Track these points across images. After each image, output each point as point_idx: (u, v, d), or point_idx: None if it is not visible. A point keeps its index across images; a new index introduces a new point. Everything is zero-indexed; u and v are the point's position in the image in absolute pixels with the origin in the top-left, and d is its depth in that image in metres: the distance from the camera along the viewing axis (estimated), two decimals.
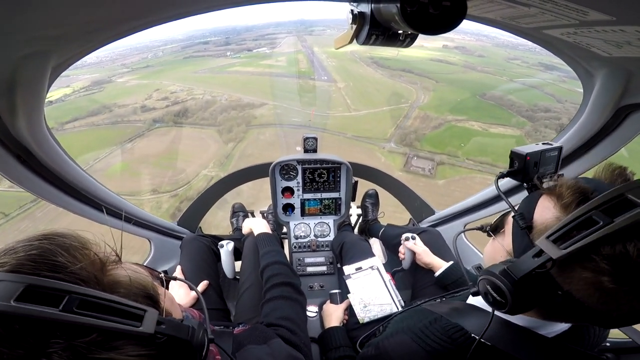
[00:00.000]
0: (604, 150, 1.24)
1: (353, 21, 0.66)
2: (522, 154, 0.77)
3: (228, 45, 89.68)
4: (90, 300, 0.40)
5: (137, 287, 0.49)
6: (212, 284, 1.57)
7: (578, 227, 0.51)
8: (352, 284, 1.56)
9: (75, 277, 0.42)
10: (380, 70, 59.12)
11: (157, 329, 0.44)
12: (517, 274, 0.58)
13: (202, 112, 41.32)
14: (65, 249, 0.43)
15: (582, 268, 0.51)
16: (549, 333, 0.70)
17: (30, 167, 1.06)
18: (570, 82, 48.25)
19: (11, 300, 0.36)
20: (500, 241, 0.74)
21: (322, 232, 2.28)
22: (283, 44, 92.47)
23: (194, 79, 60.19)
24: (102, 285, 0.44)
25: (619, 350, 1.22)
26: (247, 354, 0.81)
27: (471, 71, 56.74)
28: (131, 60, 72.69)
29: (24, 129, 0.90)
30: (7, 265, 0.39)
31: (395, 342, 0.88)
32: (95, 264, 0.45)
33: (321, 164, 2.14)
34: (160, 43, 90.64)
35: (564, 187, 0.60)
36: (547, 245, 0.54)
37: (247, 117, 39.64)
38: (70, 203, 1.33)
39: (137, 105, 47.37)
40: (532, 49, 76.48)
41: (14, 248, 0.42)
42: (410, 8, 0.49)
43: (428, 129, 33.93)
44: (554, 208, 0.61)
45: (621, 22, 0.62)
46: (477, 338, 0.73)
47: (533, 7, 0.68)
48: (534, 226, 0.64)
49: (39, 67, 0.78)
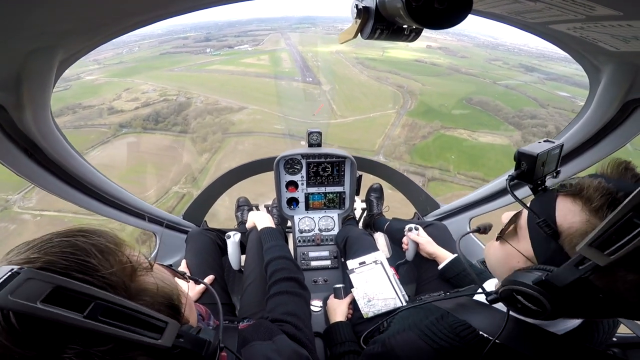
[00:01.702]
0: (610, 144, 1.23)
1: (358, 16, 0.64)
2: (531, 155, 0.72)
3: (208, 42, 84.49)
4: (115, 309, 0.39)
5: (162, 296, 0.48)
6: (217, 278, 1.54)
7: (618, 231, 0.49)
8: (356, 278, 1.54)
9: (105, 281, 0.41)
10: (366, 71, 56.67)
11: (176, 342, 0.44)
12: (560, 283, 0.56)
13: (174, 117, 37.23)
14: (100, 250, 0.43)
15: (626, 271, 0.51)
16: (559, 330, 0.70)
17: (37, 161, 1.06)
18: (548, 83, 47.90)
19: (38, 301, 0.35)
20: (516, 246, 0.69)
21: (327, 226, 2.24)
22: (266, 42, 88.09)
23: (168, 78, 55.44)
24: (129, 292, 0.44)
25: (625, 345, 1.19)
26: (253, 350, 0.79)
27: (456, 73, 55.37)
28: (104, 56, 66.40)
29: (31, 123, 0.90)
30: (39, 262, 0.39)
31: (402, 340, 0.87)
32: (126, 269, 0.45)
33: (325, 158, 2.11)
34: (137, 38, 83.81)
35: (590, 190, 0.57)
36: (592, 253, 0.51)
37: (224, 124, 36.01)
38: (76, 196, 1.32)
39: (103, 107, 42.80)
40: (511, 49, 77.22)
41: (50, 240, 0.42)
42: (415, 3, 0.48)
43: (417, 138, 31.97)
44: (581, 211, 0.58)
45: (628, 17, 0.61)
46: (485, 336, 0.73)
47: (539, 2, 0.68)
48: (560, 231, 0.60)
49: (46, 62, 0.78)
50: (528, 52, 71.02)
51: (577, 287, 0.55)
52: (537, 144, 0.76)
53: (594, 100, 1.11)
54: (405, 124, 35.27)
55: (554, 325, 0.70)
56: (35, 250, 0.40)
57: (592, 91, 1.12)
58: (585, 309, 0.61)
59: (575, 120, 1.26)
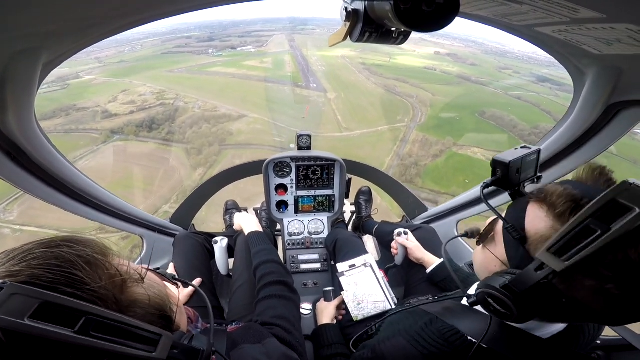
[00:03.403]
0: (594, 147, 1.25)
1: (347, 18, 0.64)
2: (504, 162, 0.74)
3: (211, 42, 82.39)
4: (107, 323, 0.37)
5: (154, 307, 0.47)
6: (205, 281, 1.54)
7: (576, 237, 0.51)
8: (346, 281, 1.54)
9: (94, 295, 0.39)
10: (373, 78, 53.98)
11: (170, 354, 0.43)
12: (520, 288, 0.58)
13: (169, 124, 34.62)
14: (87, 262, 0.41)
15: (585, 277, 0.52)
16: (544, 334, 0.71)
17: (21, 164, 1.05)
18: (561, 95, 45.27)
19: (25, 317, 0.33)
20: (493, 250, 0.73)
21: (316, 229, 2.22)
22: (270, 43, 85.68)
23: (167, 79, 53.15)
24: (120, 305, 0.42)
25: (609, 348, 1.22)
26: (242, 353, 0.79)
27: (466, 82, 52.64)
28: (106, 54, 64.08)
29: (14, 125, 0.89)
30: (22, 275, 0.37)
31: (392, 346, 0.89)
32: (115, 282, 0.43)
33: (315, 161, 2.10)
34: (141, 36, 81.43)
35: (554, 196, 0.59)
36: (548, 259, 0.53)
37: (222, 134, 33.50)
38: (61, 200, 1.31)
39: (98, 109, 40.41)
40: (520, 57, 74.59)
41: (32, 251, 0.39)
42: (403, 5, 0.49)
43: (428, 157, 29.42)
44: (546, 217, 0.60)
45: (611, 19, 0.62)
46: (473, 340, 0.75)
47: (525, 5, 0.69)
48: (527, 236, 0.63)
49: (30, 64, 0.77)
50: (537, 61, 68.59)
51: (541, 291, 0.56)
52: (513, 150, 0.77)
53: (578, 103, 1.13)
54: (416, 140, 32.83)
55: (539, 329, 0.71)
56: (16, 262, 0.38)
57: (576, 94, 1.14)
58: (553, 312, 0.62)
59: (560, 123, 1.27)
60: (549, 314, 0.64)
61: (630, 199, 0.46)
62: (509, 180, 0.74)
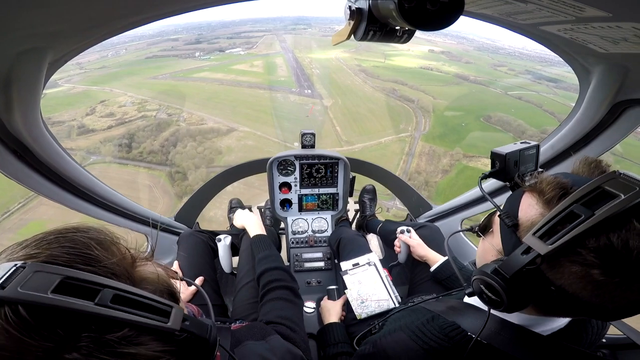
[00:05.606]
0: (600, 145, 1.26)
1: (350, 17, 0.63)
2: (501, 154, 0.77)
3: (199, 44, 79.34)
4: (123, 295, 0.40)
5: (162, 285, 0.49)
6: (208, 279, 1.57)
7: (562, 221, 0.52)
8: (349, 279, 1.56)
9: (109, 271, 0.42)
10: (370, 80, 50.94)
11: (182, 326, 0.45)
12: (508, 272, 0.59)
13: (150, 142, 30.88)
14: (99, 243, 0.44)
15: (570, 262, 0.52)
16: (545, 331, 0.71)
17: (27, 163, 1.07)
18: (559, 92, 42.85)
19: (48, 291, 0.35)
20: (490, 241, 0.74)
21: (320, 228, 2.27)
22: (260, 44, 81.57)
23: (150, 87, 49.59)
24: (132, 280, 0.45)
25: (615, 347, 1.21)
26: (246, 350, 0.81)
27: (464, 82, 50.01)
28: (88, 59, 59.26)
29: (20, 124, 0.92)
30: (41, 256, 0.39)
31: (392, 340, 0.89)
32: (126, 259, 0.46)
33: (319, 160, 2.14)
34: (127, 39, 76.41)
35: (544, 184, 0.60)
36: (534, 242, 0.54)
37: (209, 154, 30.48)
38: (67, 198, 1.33)
39: (74, 124, 36.41)
40: (511, 52, 72.31)
41: (45, 239, 0.42)
42: (408, 4, 0.48)
43: (438, 173, 27.04)
44: (537, 205, 0.61)
45: (617, 18, 0.62)
46: (472, 336, 0.75)
47: (530, 4, 0.70)
48: (520, 224, 0.63)
49: (36, 63, 0.79)
50: (528, 56, 67.09)
51: (529, 277, 0.57)
52: (512, 144, 0.81)
53: (584, 101, 1.14)
54: (422, 152, 30.36)
55: (539, 325, 0.71)
56: (33, 247, 0.40)
57: (582, 93, 1.15)
58: (545, 303, 0.63)
59: (566, 121, 1.29)
60: (541, 305, 0.65)
61: (617, 186, 0.48)
62: (506, 172, 0.77)
